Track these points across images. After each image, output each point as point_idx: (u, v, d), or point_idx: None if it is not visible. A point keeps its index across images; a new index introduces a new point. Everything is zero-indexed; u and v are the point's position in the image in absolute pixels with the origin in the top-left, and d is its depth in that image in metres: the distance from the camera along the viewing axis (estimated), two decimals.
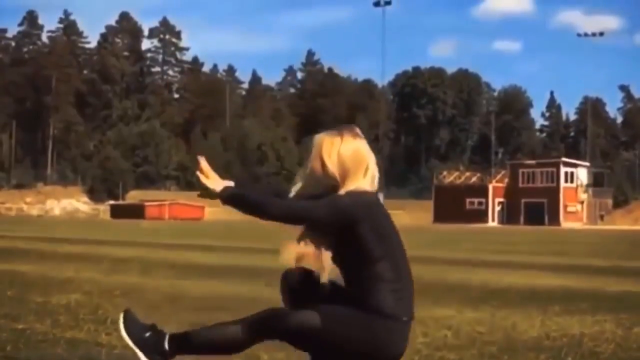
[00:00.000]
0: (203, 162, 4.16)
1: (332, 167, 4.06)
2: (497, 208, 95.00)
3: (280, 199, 4.10)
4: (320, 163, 4.09)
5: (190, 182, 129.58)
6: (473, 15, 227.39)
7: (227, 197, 4.11)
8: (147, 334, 4.14)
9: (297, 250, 4.09)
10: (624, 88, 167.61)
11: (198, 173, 4.16)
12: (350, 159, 4.07)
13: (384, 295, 3.98)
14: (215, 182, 4.16)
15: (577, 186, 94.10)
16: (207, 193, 4.16)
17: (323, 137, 4.15)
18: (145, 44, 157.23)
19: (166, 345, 4.10)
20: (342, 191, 4.03)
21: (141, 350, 4.11)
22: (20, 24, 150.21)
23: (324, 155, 4.08)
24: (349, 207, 3.98)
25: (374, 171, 4.13)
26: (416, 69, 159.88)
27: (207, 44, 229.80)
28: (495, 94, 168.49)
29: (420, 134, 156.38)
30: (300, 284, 4.16)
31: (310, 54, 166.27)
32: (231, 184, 4.19)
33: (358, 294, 4.02)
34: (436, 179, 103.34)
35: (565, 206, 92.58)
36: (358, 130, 4.20)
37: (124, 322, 4.17)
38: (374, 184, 4.14)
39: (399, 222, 4.30)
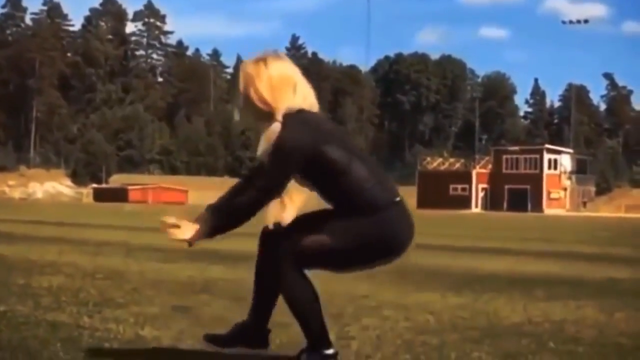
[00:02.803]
0: (168, 221, 4.15)
1: (263, 91, 4.07)
2: (481, 194, 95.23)
3: (244, 195, 4.07)
4: (251, 90, 4.09)
5: (173, 166, 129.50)
6: (461, 1, 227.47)
7: (209, 236, 4.11)
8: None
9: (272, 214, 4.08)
10: (608, 76, 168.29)
11: (170, 232, 4.14)
12: (277, 79, 4.08)
13: (370, 191, 4.03)
14: (185, 230, 4.12)
15: (561, 173, 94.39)
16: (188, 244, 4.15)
17: (247, 64, 4.16)
18: (130, 28, 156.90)
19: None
20: (278, 115, 4.04)
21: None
22: (3, 6, 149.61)
23: (253, 82, 4.09)
24: (297, 144, 3.99)
25: (304, 90, 4.15)
26: (399, 55, 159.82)
27: (191, 28, 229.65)
28: (479, 80, 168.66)
29: (404, 120, 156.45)
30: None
31: (294, 38, 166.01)
32: (195, 227, 4.11)
33: (347, 205, 4.05)
34: (420, 164, 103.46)
35: (549, 193, 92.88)
36: (282, 54, 4.22)
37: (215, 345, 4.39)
38: (308, 103, 4.15)
39: None
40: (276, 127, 4.03)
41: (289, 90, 4.09)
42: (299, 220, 4.13)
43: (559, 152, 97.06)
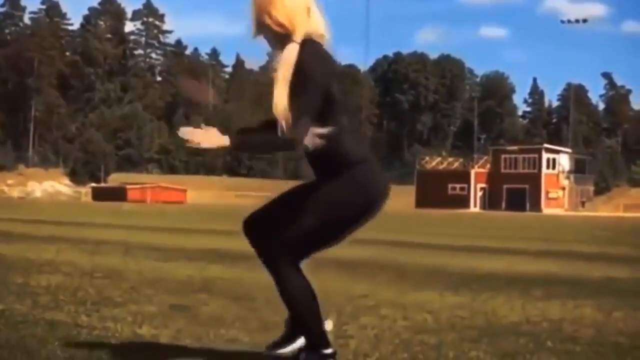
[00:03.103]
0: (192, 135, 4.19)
1: (278, 15, 4.03)
2: (479, 194, 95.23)
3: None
4: (265, 16, 4.05)
5: (172, 165, 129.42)
6: (460, 0, 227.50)
7: (236, 147, 4.23)
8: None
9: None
10: (606, 75, 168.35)
11: (193, 138, 4.17)
12: (289, 3, 4.04)
13: (346, 145, 4.05)
14: (211, 137, 4.26)
15: (559, 172, 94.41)
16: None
17: None
18: (128, 27, 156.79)
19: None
20: (296, 37, 4.00)
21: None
22: (2, 5, 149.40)
23: (267, 8, 4.04)
24: (323, 70, 3.98)
25: (317, 16, 4.11)
26: (397, 54, 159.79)
27: (190, 27, 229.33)
28: (478, 79, 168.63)
29: (402, 119, 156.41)
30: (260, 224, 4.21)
31: None
32: (221, 138, 4.27)
33: (322, 157, 4.05)
34: (419, 164, 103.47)
35: (547, 192, 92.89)
36: None
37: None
38: (321, 28, 4.10)
39: None
40: (293, 47, 4.00)
41: (303, 13, 4.05)
42: (278, 209, 4.16)
43: (557, 152, 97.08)
